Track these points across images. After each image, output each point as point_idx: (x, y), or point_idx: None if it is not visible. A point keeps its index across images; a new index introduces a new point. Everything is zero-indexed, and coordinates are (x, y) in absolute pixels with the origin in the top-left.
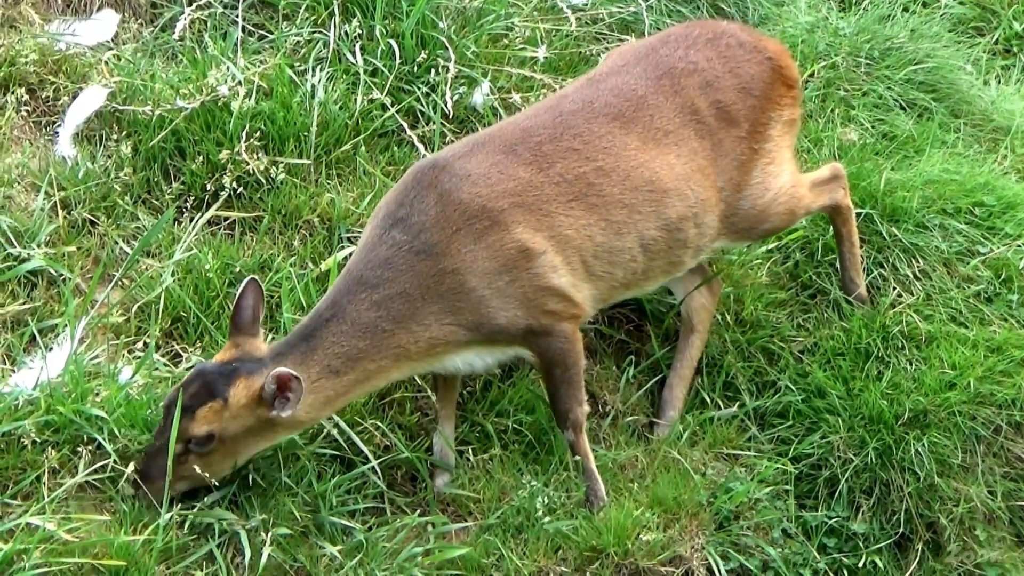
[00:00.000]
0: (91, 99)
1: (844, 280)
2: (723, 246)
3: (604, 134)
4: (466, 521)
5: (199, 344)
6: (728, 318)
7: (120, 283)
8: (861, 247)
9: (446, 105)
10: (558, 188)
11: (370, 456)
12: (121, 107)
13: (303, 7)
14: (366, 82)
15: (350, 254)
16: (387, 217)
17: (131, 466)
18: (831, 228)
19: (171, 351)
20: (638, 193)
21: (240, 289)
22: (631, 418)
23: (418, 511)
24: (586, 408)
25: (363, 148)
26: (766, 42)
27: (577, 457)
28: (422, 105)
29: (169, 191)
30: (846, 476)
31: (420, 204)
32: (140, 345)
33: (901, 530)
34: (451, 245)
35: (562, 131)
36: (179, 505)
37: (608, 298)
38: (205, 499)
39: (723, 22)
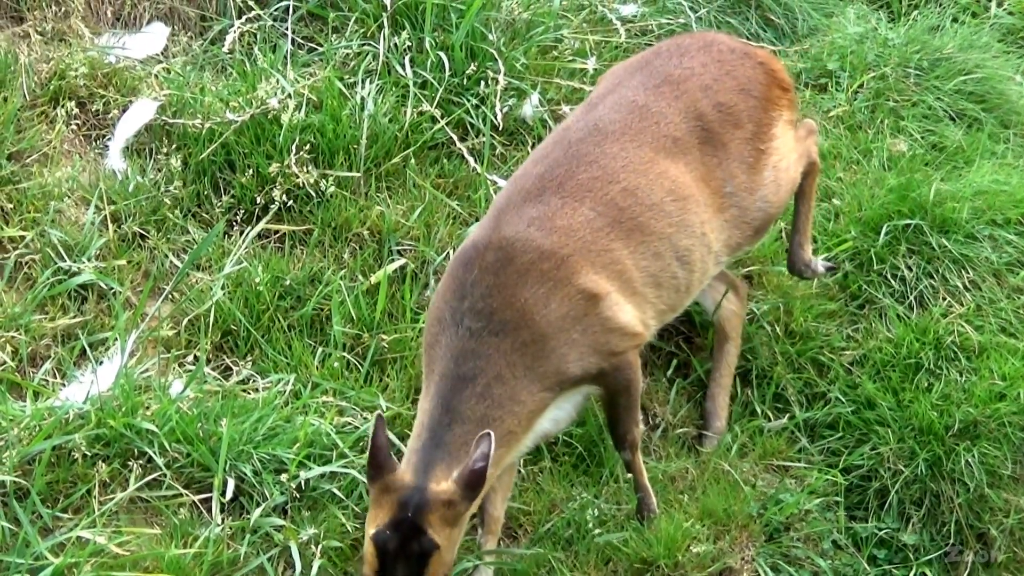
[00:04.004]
0: (141, 112)
1: (794, 247)
2: (745, 249)
3: (617, 153)
4: (517, 534)
5: (249, 358)
6: (777, 329)
7: (170, 296)
8: (910, 257)
9: (496, 117)
10: (595, 222)
11: None
12: (171, 120)
13: (352, 20)
14: (416, 94)
15: (401, 267)
16: (455, 313)
17: None
18: (879, 237)
19: (221, 364)
20: (664, 205)
21: (373, 428)
22: (681, 430)
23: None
24: (642, 427)
25: (413, 161)
26: (754, 50)
27: (631, 475)
28: (472, 117)
29: (219, 204)
30: (896, 487)
31: (479, 289)
32: (190, 359)
33: (951, 541)
34: (524, 316)
35: (576, 162)
36: (230, 518)
37: (659, 323)
38: (256, 512)
39: (711, 32)
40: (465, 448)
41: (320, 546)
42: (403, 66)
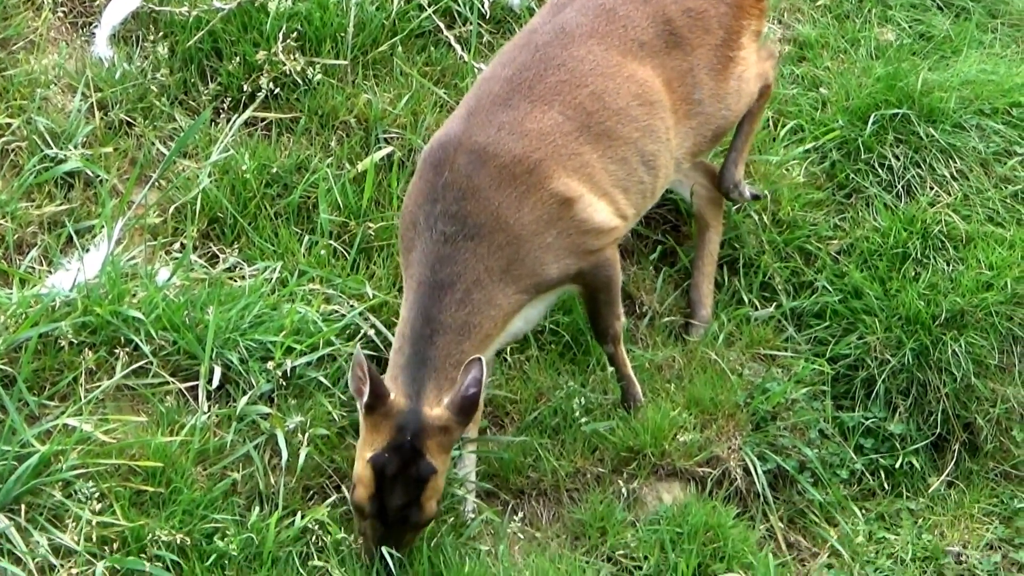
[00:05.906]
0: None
1: (728, 163)
2: (702, 155)
3: (584, 56)
4: (503, 422)
5: (236, 245)
6: (765, 218)
7: (157, 184)
8: (898, 147)
9: (483, 5)
10: (564, 126)
11: None
12: (158, 8)
13: None
14: None
15: (388, 155)
16: (428, 218)
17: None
18: (866, 126)
19: (208, 252)
20: (631, 110)
21: (355, 360)
22: (668, 319)
23: None
24: (623, 320)
25: (400, 49)
26: None
27: (612, 368)
28: (459, 5)
29: (206, 92)
30: (883, 377)
31: (451, 192)
32: (177, 246)
33: (938, 431)
34: (498, 219)
35: (544, 66)
36: (216, 406)
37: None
38: (242, 400)
39: None
40: (450, 360)
41: (307, 434)
42: None
